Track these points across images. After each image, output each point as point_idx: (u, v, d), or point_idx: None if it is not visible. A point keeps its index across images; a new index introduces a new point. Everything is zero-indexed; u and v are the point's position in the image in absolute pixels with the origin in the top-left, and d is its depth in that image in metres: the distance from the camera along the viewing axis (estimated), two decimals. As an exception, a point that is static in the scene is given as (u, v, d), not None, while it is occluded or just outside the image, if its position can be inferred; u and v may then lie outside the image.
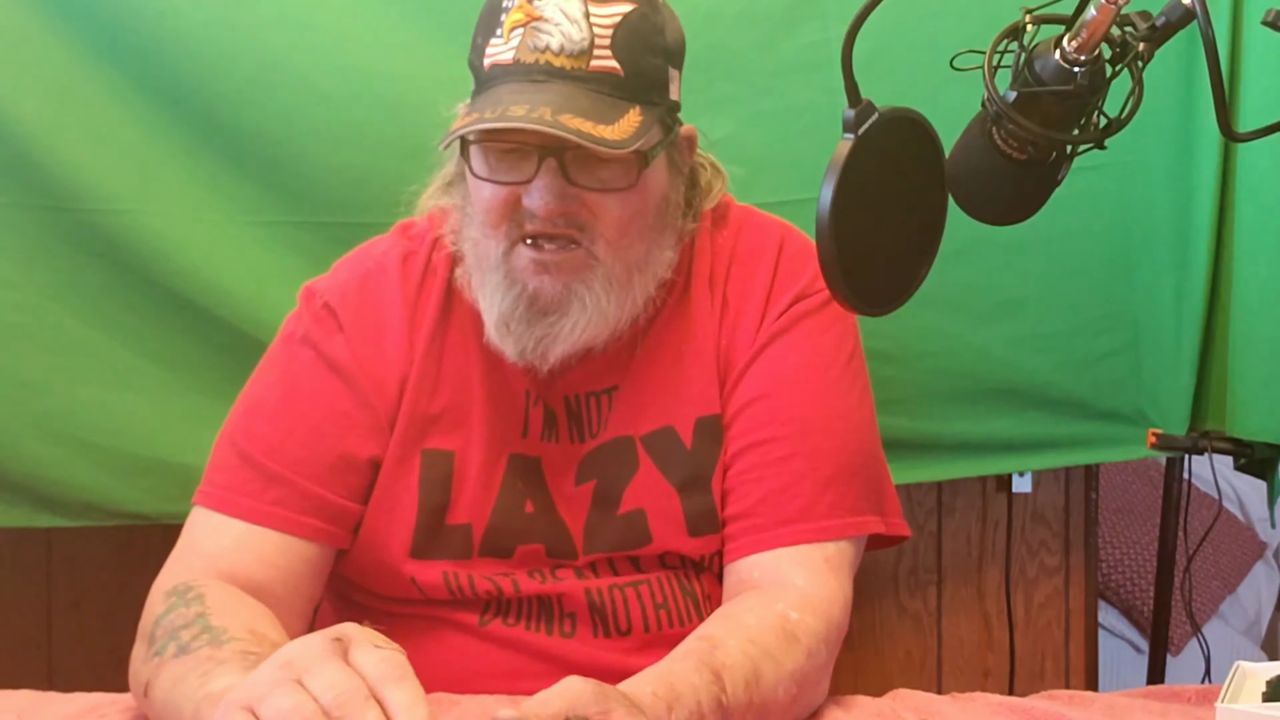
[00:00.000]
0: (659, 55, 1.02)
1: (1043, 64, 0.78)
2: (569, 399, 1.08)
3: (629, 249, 1.02)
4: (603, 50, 0.97)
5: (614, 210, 1.00)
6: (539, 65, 0.97)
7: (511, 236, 1.01)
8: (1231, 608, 2.80)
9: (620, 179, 1.00)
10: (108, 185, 1.40)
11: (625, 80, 0.98)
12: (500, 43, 0.99)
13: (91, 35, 1.37)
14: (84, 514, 1.44)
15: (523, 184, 0.99)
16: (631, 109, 0.98)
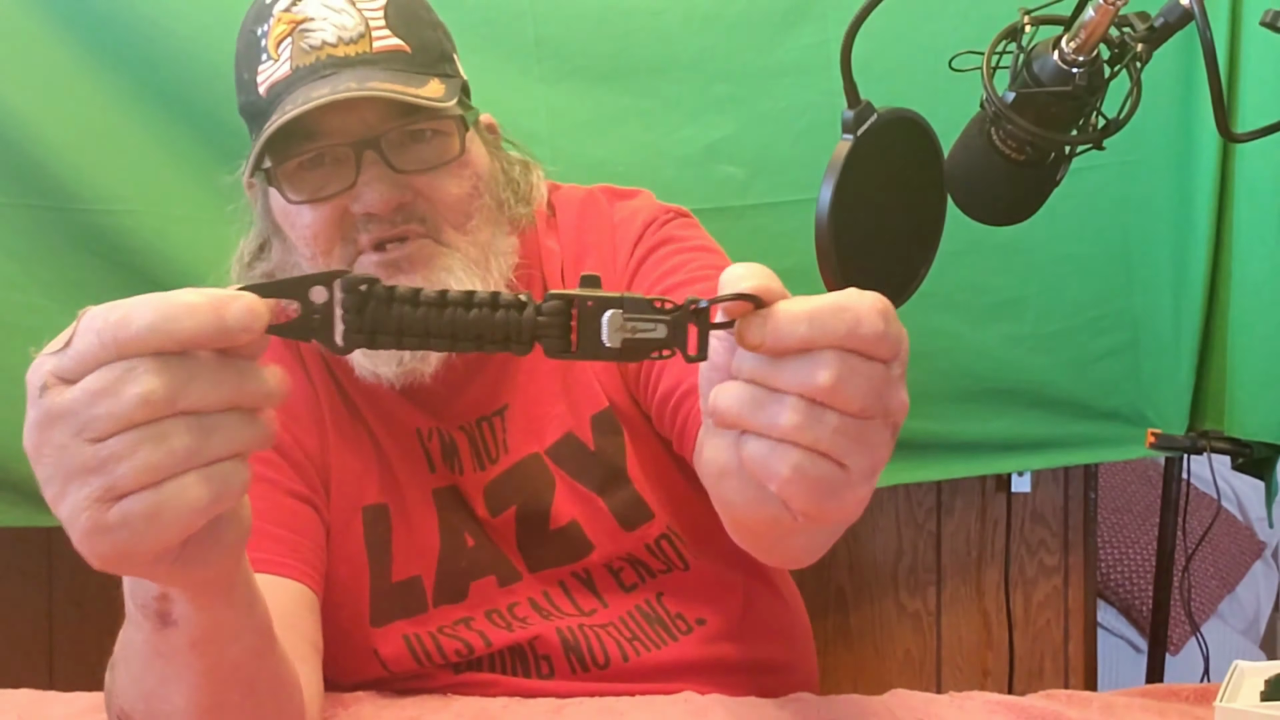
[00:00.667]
0: (435, 29, 0.97)
1: (1041, 65, 0.78)
2: (464, 426, 1.02)
3: (477, 230, 0.95)
4: (380, 30, 0.91)
5: (449, 188, 0.93)
6: (321, 62, 0.90)
7: (347, 256, 0.92)
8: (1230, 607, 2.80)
9: (446, 151, 0.93)
10: (110, 185, 1.40)
11: (414, 55, 0.92)
12: (270, 63, 0.92)
13: (93, 37, 1.37)
14: (84, 514, 1.43)
15: (345, 191, 0.90)
16: (431, 80, 0.92)
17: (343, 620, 0.98)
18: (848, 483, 0.54)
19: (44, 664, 1.63)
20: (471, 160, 0.95)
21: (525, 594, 1.02)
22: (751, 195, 1.46)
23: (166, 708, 0.70)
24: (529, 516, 1.01)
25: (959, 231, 0.85)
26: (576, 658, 1.01)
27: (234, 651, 0.68)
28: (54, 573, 1.63)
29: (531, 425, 1.02)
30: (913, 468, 1.58)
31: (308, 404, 1.00)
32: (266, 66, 0.92)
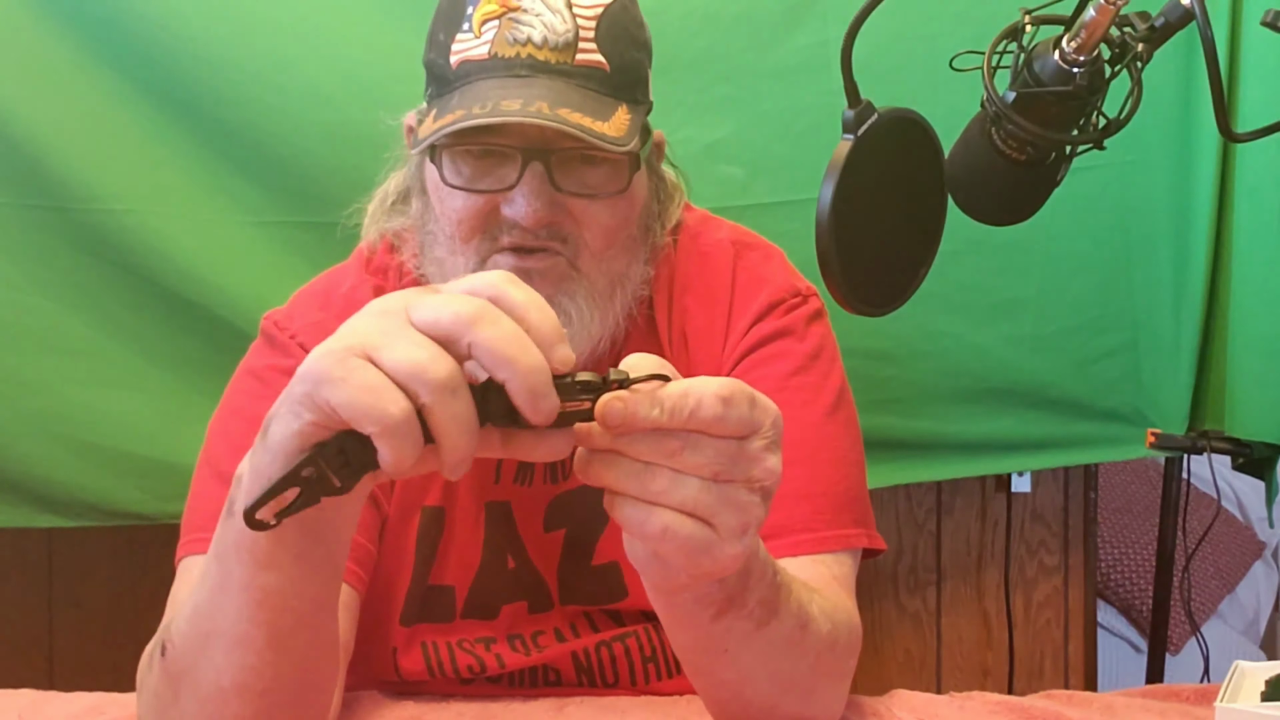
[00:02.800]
0: (641, 50, 0.94)
1: (1042, 64, 0.78)
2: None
3: (612, 261, 0.94)
4: (588, 43, 0.88)
5: (601, 219, 0.91)
6: (520, 59, 0.87)
7: (484, 251, 0.91)
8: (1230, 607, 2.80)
9: (611, 184, 0.91)
10: (109, 185, 1.39)
11: (612, 76, 0.89)
12: (470, 37, 0.89)
13: (94, 36, 1.37)
14: (85, 514, 1.43)
15: (502, 191, 0.89)
16: (620, 107, 0.89)
17: (373, 614, 0.97)
18: (717, 540, 0.59)
19: (44, 663, 1.63)
20: (633, 194, 0.94)
21: (553, 624, 1.00)
22: (751, 195, 1.46)
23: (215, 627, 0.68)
24: (575, 544, 0.99)
25: (959, 231, 0.85)
26: (588, 678, 1.00)
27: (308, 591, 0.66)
28: (54, 573, 1.63)
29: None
30: (913, 468, 1.58)
31: None
32: (465, 39, 0.89)
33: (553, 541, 1.00)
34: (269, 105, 1.40)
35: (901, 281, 0.83)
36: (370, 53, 1.42)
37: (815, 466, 0.95)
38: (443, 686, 1.00)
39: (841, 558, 0.95)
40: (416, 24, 1.43)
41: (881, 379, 1.52)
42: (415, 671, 0.99)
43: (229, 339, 1.44)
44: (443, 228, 0.93)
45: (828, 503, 0.95)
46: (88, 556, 1.62)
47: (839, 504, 0.95)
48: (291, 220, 1.44)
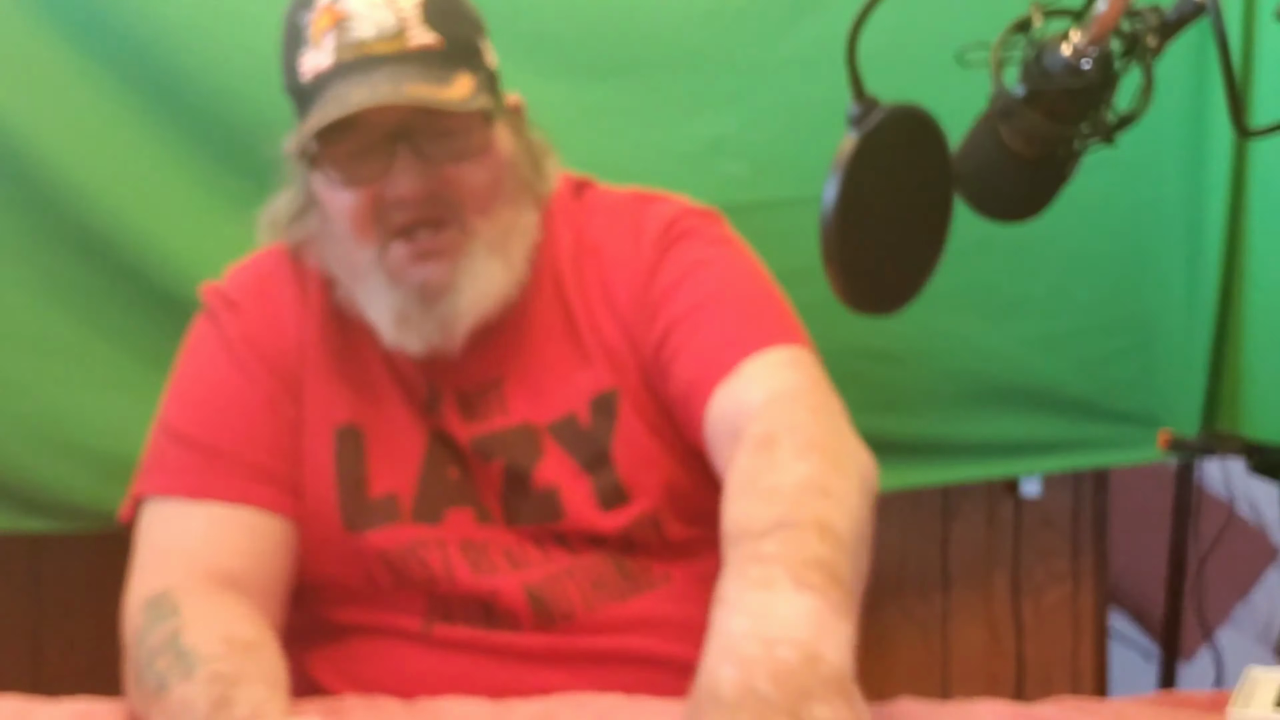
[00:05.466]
0: (467, 23, 1.04)
1: (1051, 59, 0.78)
2: (460, 392, 1.10)
3: (499, 214, 1.04)
4: (416, 27, 0.99)
5: (475, 177, 1.02)
6: (360, 60, 0.99)
7: (381, 238, 1.02)
8: (1244, 613, 2.79)
9: (473, 144, 1.02)
10: (97, 182, 1.39)
11: (446, 50, 1.00)
12: (314, 51, 1.01)
13: (80, 31, 1.36)
14: (72, 518, 1.43)
15: (379, 179, 1.00)
16: (460, 74, 1.00)
17: (317, 522, 1.06)
18: None
19: (31, 670, 1.62)
20: (495, 149, 1.04)
21: (499, 541, 1.07)
22: (755, 192, 1.45)
23: None
24: (514, 472, 1.08)
25: (967, 229, 0.84)
26: (544, 612, 1.05)
27: None
28: (41, 578, 1.62)
29: (532, 397, 1.09)
30: (918, 471, 1.57)
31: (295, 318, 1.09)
32: (310, 54, 1.01)
33: (492, 472, 1.08)
34: (262, 101, 1.39)
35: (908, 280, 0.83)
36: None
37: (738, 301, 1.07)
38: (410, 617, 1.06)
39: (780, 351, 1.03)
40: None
41: (886, 380, 1.51)
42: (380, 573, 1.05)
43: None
44: (340, 228, 1.03)
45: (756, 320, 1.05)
46: (75, 561, 1.61)
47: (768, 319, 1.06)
48: None
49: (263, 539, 1.03)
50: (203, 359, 1.11)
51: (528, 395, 1.09)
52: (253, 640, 0.91)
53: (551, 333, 1.10)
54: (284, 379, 1.08)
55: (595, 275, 1.11)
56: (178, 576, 0.98)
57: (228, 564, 1.00)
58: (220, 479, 1.03)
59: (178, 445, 1.06)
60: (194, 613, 0.92)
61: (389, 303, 1.03)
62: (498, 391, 1.10)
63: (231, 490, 1.03)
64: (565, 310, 1.10)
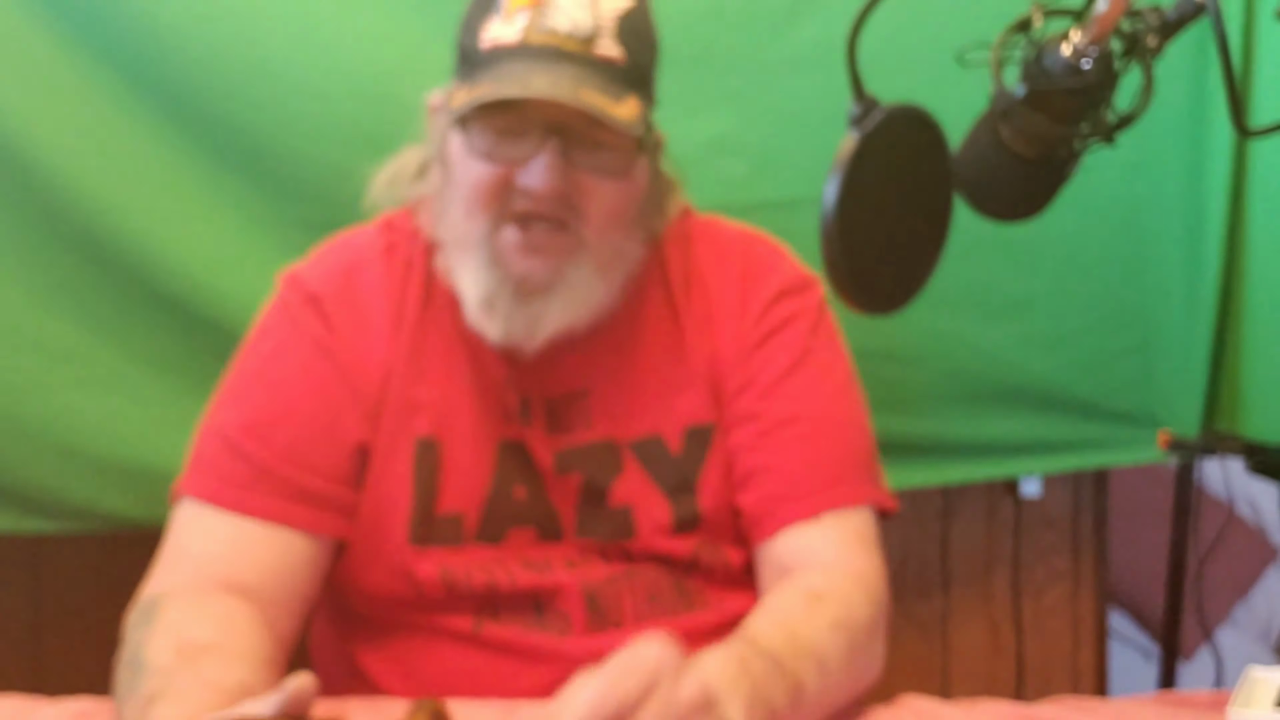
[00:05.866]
0: (650, 50, 1.05)
1: (1051, 59, 0.78)
2: (547, 400, 1.09)
3: (614, 238, 1.04)
4: (607, 38, 1.00)
5: (607, 196, 1.02)
6: (547, 47, 0.98)
7: (496, 219, 1.01)
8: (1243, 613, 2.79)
9: (618, 165, 1.02)
10: (95, 183, 1.38)
11: (626, 70, 1.00)
12: (502, 23, 1.00)
13: (79, 31, 1.36)
14: (72, 519, 1.42)
15: (519, 162, 1.00)
16: (631, 97, 1.00)
17: (379, 537, 1.05)
18: None
19: (31, 670, 1.62)
20: (636, 177, 1.05)
21: (562, 554, 1.07)
22: (755, 192, 1.45)
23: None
24: (591, 487, 1.08)
25: (967, 229, 0.84)
26: (595, 613, 1.05)
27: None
28: (40, 578, 1.62)
29: (618, 413, 1.09)
30: (918, 471, 1.57)
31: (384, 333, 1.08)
32: (497, 24, 1.00)
33: (569, 483, 1.08)
34: (260, 102, 1.39)
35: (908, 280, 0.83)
36: (364, 48, 1.41)
37: (842, 431, 1.10)
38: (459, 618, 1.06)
39: (861, 513, 1.07)
40: (409, 20, 1.44)
41: (887, 379, 1.51)
42: (434, 586, 1.05)
43: (218, 340, 1.42)
44: (462, 194, 1.02)
45: (849, 464, 1.09)
46: (75, 561, 1.61)
47: (860, 463, 1.10)
48: (283, 218, 1.43)
49: (289, 556, 1.02)
50: (269, 356, 1.08)
51: (614, 409, 1.09)
52: (208, 643, 0.89)
53: (656, 350, 1.10)
54: (361, 398, 1.06)
55: (703, 308, 1.11)
56: (183, 580, 0.98)
57: (243, 576, 0.99)
58: (262, 497, 1.01)
59: (226, 452, 1.03)
60: (166, 619, 0.92)
61: (483, 282, 1.02)
62: (584, 403, 1.09)
63: (270, 510, 1.01)
64: (677, 331, 1.10)
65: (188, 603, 0.95)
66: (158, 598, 0.95)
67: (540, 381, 1.08)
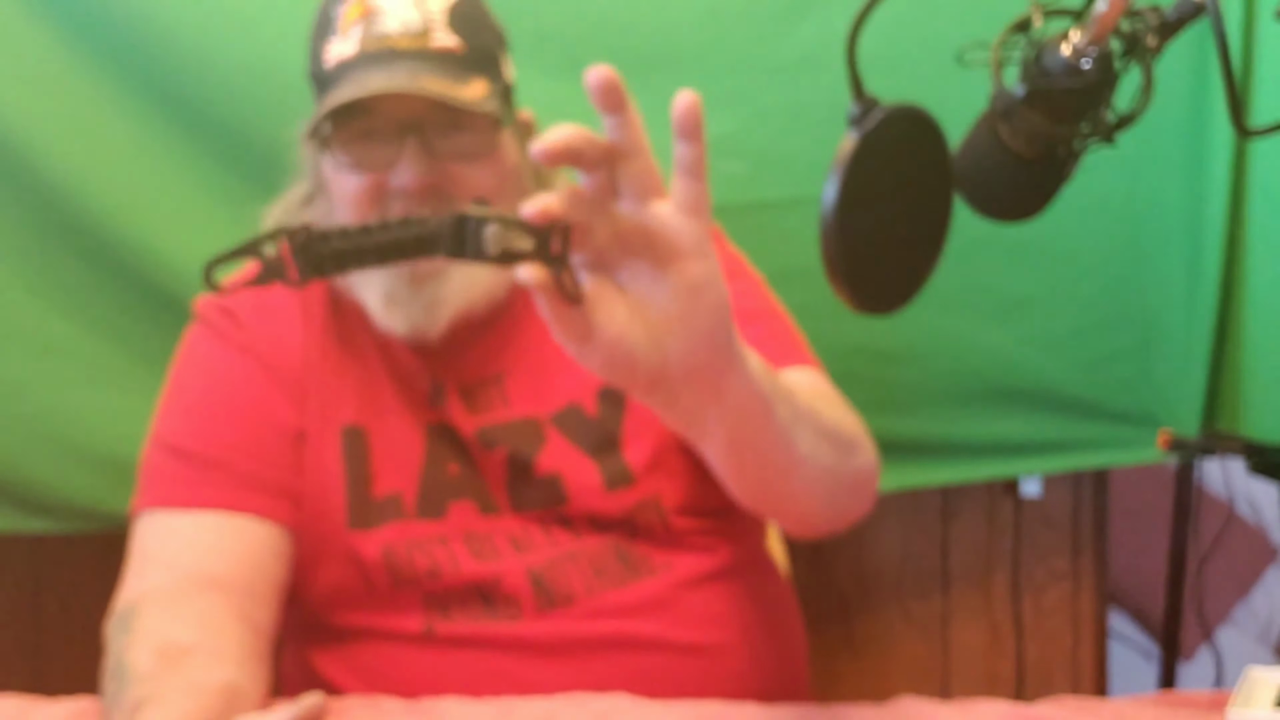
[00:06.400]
0: (489, 33, 1.08)
1: (1051, 58, 0.78)
2: (461, 385, 1.12)
3: None
4: (440, 29, 1.03)
5: (478, 178, 1.04)
6: (382, 51, 1.02)
7: None
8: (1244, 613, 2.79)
9: (480, 146, 1.05)
10: (95, 182, 1.39)
11: (466, 55, 1.04)
12: (340, 40, 1.04)
13: (78, 30, 1.37)
14: (72, 519, 1.43)
15: (385, 166, 1.03)
16: (477, 80, 1.04)
17: (320, 526, 1.07)
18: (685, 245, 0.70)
19: (31, 670, 1.63)
20: (502, 155, 1.07)
21: (504, 528, 1.09)
22: (755, 192, 1.46)
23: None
24: (517, 459, 1.10)
25: (967, 229, 0.84)
26: (545, 595, 1.06)
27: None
28: (41, 578, 1.62)
29: (533, 391, 1.11)
30: (918, 471, 1.57)
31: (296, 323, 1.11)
32: (336, 43, 1.04)
33: (496, 459, 1.10)
34: (259, 100, 1.40)
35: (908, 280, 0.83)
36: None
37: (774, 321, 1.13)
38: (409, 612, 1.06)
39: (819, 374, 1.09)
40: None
41: (886, 380, 1.51)
42: (379, 571, 1.06)
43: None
44: (344, 211, 1.06)
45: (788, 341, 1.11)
46: (75, 561, 1.62)
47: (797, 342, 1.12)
48: None
49: (253, 543, 1.03)
50: (197, 366, 1.12)
51: (528, 389, 1.11)
52: (189, 644, 0.90)
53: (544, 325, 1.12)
54: (287, 386, 1.09)
55: None
56: (155, 582, 0.98)
57: (213, 567, 1.00)
58: (212, 488, 1.04)
59: (171, 458, 1.06)
60: (144, 624, 0.93)
61: (380, 283, 1.05)
62: (499, 385, 1.12)
63: (223, 499, 1.03)
64: None
65: (164, 605, 0.96)
66: (134, 603, 0.96)
67: (452, 368, 1.11)
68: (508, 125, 1.08)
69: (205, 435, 1.06)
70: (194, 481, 1.04)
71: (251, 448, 1.06)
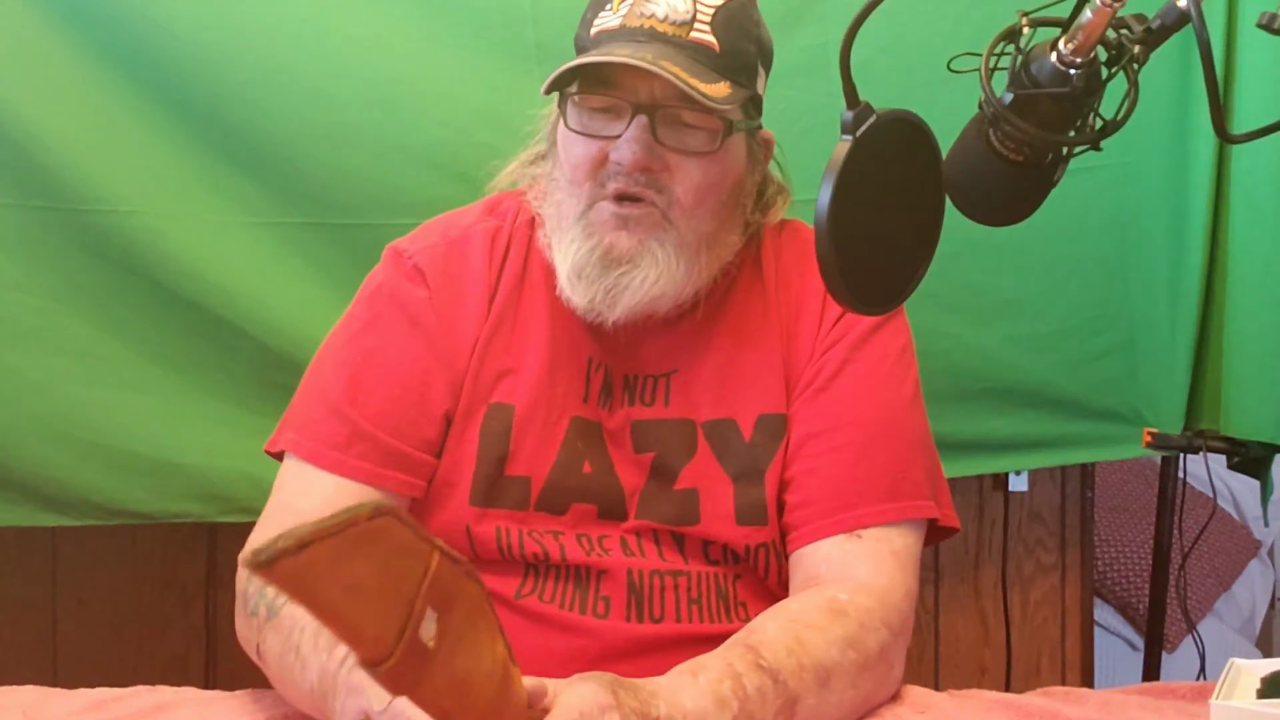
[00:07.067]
0: (752, 42, 1.08)
1: (1039, 66, 0.78)
2: (628, 377, 1.12)
3: (701, 220, 1.07)
4: (703, 25, 1.05)
5: (693, 175, 1.05)
6: (642, 29, 1.04)
7: (594, 195, 1.06)
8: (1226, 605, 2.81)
9: (704, 144, 1.05)
10: (111, 186, 1.39)
11: (720, 56, 1.04)
12: (609, 13, 1.06)
13: (94, 37, 1.37)
14: (89, 513, 1.43)
15: (612, 139, 1.04)
16: (723, 81, 1.04)
17: (443, 494, 1.09)
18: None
19: (49, 661, 1.63)
20: (724, 160, 1.07)
21: (619, 534, 1.09)
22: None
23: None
24: (661, 467, 1.09)
25: (957, 232, 0.85)
26: (636, 602, 1.06)
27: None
28: (58, 572, 1.63)
29: (695, 394, 1.11)
30: (910, 467, 1.58)
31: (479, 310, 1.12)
32: (605, 16, 1.07)
33: (641, 462, 1.10)
34: (272, 107, 1.40)
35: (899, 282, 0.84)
36: (372, 54, 1.42)
37: (897, 445, 1.09)
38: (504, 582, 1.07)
39: (904, 530, 1.05)
40: (418, 25, 1.45)
41: (879, 378, 1.51)
42: (488, 547, 1.07)
43: (232, 340, 1.44)
44: (564, 172, 1.08)
45: (902, 478, 1.07)
46: (92, 555, 1.62)
47: (914, 479, 1.08)
48: (294, 221, 1.44)
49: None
50: (374, 326, 1.12)
51: (694, 391, 1.11)
52: None
53: (743, 339, 1.12)
54: (450, 366, 1.10)
55: (790, 307, 1.13)
56: None
57: None
58: (357, 459, 1.06)
59: (327, 412, 1.08)
60: None
61: (575, 254, 1.06)
62: (666, 382, 1.12)
63: (363, 472, 1.06)
64: (766, 324, 1.12)
65: None
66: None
67: (622, 357, 1.11)
68: (739, 131, 1.08)
69: (361, 402, 1.07)
70: (343, 447, 1.06)
71: (402, 427, 1.08)
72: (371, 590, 0.59)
